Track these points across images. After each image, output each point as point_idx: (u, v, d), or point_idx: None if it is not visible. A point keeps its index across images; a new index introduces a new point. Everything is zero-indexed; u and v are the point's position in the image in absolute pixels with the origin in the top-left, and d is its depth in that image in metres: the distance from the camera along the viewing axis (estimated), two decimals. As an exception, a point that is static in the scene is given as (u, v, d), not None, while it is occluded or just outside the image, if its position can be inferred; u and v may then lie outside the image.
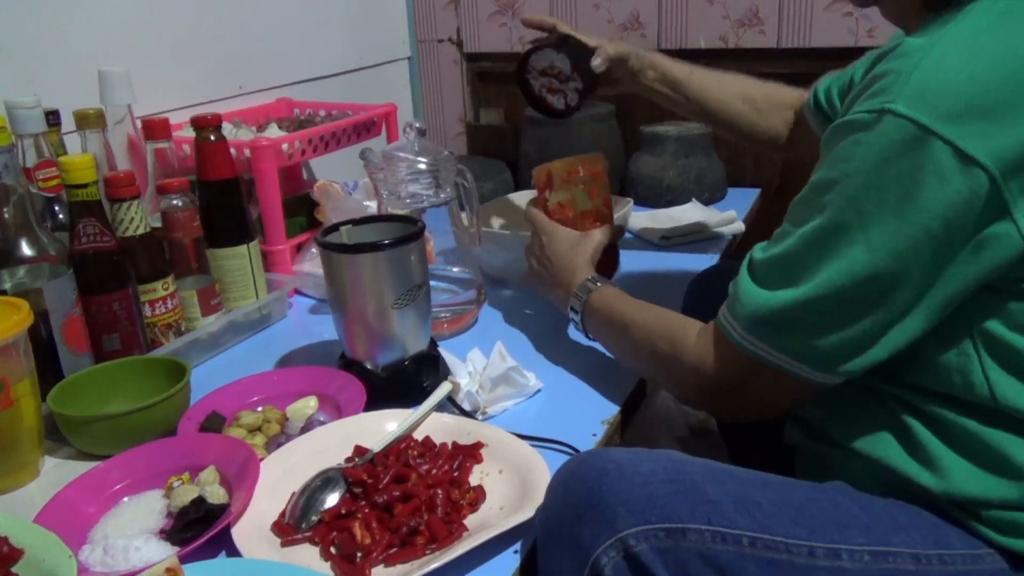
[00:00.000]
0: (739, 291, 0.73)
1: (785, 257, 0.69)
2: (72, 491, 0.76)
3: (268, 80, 1.55)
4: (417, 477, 0.75)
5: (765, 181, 1.79)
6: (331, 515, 0.72)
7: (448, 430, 0.85)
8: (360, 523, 0.70)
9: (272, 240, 1.26)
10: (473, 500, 0.75)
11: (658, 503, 0.64)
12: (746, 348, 0.72)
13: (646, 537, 0.62)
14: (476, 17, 1.93)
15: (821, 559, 0.63)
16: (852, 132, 0.65)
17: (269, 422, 0.89)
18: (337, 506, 0.73)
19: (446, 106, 2.06)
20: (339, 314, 0.94)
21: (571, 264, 1.01)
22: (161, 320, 1.03)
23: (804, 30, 1.65)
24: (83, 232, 0.93)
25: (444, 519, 0.71)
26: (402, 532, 0.70)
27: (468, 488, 0.76)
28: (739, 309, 0.72)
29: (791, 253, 0.69)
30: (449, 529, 0.70)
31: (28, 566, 0.62)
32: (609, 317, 0.92)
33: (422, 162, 1.06)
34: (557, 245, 1.04)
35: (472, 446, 0.81)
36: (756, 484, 0.68)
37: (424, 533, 0.70)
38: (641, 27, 1.78)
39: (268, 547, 0.70)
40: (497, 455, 0.80)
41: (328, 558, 0.69)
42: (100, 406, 0.90)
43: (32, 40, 1.15)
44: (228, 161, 1.13)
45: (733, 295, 0.74)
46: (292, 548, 0.70)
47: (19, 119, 0.98)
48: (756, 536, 0.63)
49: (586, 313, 0.96)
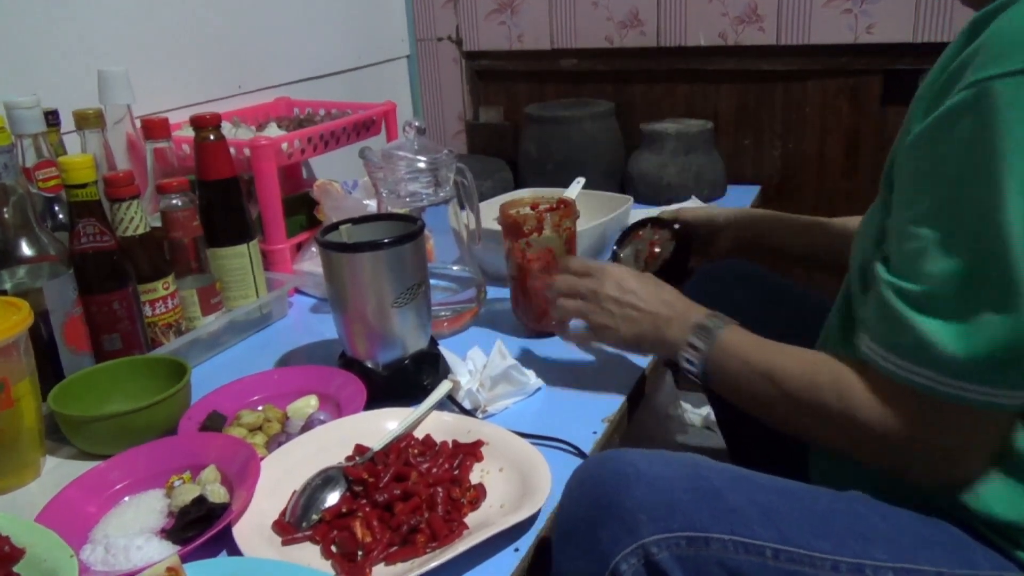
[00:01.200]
0: (918, 333, 0.61)
1: (969, 276, 0.59)
2: (73, 490, 0.76)
3: (267, 79, 1.55)
4: (417, 476, 0.75)
5: (765, 178, 1.79)
6: (332, 514, 0.72)
7: (448, 428, 0.85)
8: (361, 522, 0.70)
9: (272, 239, 1.26)
10: (474, 498, 0.75)
11: (680, 510, 0.63)
12: (957, 396, 0.61)
13: (667, 545, 0.62)
14: (475, 15, 1.93)
15: (845, 574, 0.62)
16: (968, 114, 0.58)
17: (270, 421, 0.89)
18: (338, 505, 0.74)
19: (445, 104, 2.06)
20: (339, 313, 0.94)
21: (672, 301, 0.84)
22: (161, 320, 1.04)
23: (803, 27, 1.64)
24: (83, 232, 0.93)
25: (445, 517, 0.71)
26: (403, 531, 0.70)
27: (469, 486, 0.76)
28: (937, 354, 0.60)
29: (974, 267, 0.59)
30: (450, 527, 0.70)
31: (29, 566, 0.63)
32: (746, 364, 0.75)
33: (421, 161, 1.06)
34: (637, 282, 0.87)
35: (472, 444, 0.81)
36: (778, 492, 0.67)
37: (425, 531, 0.70)
38: (640, 24, 1.78)
39: (269, 546, 0.70)
40: (497, 453, 0.80)
41: (329, 556, 0.69)
42: (101, 406, 0.90)
43: (31, 40, 1.15)
44: (228, 160, 1.13)
45: (909, 342, 0.62)
46: (293, 547, 0.70)
47: (18, 119, 0.98)
48: (779, 548, 0.62)
49: (712, 360, 0.78)
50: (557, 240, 1.04)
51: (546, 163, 1.70)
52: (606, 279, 0.87)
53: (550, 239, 1.03)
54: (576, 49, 1.86)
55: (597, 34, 1.83)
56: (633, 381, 0.96)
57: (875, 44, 1.59)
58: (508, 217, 1.05)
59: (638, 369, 0.99)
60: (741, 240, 1.08)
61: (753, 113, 1.76)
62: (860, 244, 0.76)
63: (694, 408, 1.84)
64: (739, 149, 1.79)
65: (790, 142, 1.75)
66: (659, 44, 1.78)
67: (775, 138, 1.76)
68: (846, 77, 1.65)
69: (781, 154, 1.77)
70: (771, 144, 1.77)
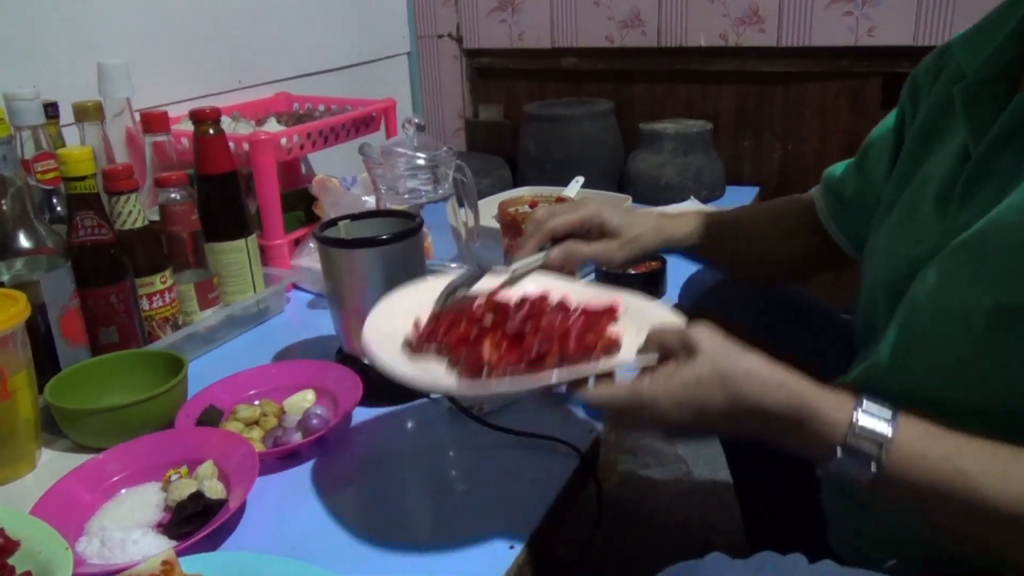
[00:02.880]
0: None
1: None
2: (69, 482, 0.76)
3: (267, 74, 1.55)
4: (552, 313, 0.73)
5: (764, 179, 1.79)
6: (460, 337, 0.71)
7: (580, 296, 0.79)
8: (490, 341, 0.69)
9: (270, 234, 1.26)
10: (608, 346, 0.69)
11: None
12: None
13: None
14: (476, 13, 1.93)
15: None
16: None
17: (266, 415, 0.89)
18: (467, 328, 0.71)
19: (445, 102, 2.06)
20: (337, 309, 0.94)
21: (786, 387, 0.59)
22: (159, 313, 1.03)
23: (804, 29, 1.65)
24: (81, 225, 0.93)
25: (576, 348, 0.68)
26: (531, 356, 0.67)
27: (604, 335, 0.71)
28: None
29: None
30: (581, 355, 0.67)
31: (24, 558, 0.62)
32: (937, 482, 0.56)
33: (421, 158, 1.06)
34: (748, 360, 0.61)
35: (608, 305, 0.76)
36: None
37: (553, 354, 0.67)
38: (641, 24, 1.78)
39: (398, 355, 0.71)
40: (634, 317, 0.74)
41: (455, 364, 0.69)
42: (97, 399, 0.90)
43: (31, 32, 1.15)
44: (227, 155, 1.13)
45: None
46: (421, 357, 0.71)
47: (18, 111, 0.98)
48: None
49: (886, 479, 0.57)
50: None
51: (545, 162, 1.71)
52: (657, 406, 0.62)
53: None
54: (577, 48, 1.86)
55: (598, 33, 1.83)
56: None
57: (876, 47, 1.59)
58: (507, 215, 1.05)
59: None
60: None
61: (753, 114, 1.77)
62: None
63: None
64: (738, 150, 1.80)
65: (789, 144, 1.76)
66: (660, 44, 1.78)
67: (774, 140, 1.77)
68: (846, 79, 1.66)
69: (780, 156, 1.77)
70: (770, 146, 1.77)
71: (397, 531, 0.73)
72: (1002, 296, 0.58)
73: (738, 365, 0.60)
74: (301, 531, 0.74)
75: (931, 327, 0.64)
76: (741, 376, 0.59)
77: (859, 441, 0.57)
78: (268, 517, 0.76)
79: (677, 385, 0.60)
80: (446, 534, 0.72)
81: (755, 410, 0.59)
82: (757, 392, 0.59)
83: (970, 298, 0.60)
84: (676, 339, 0.63)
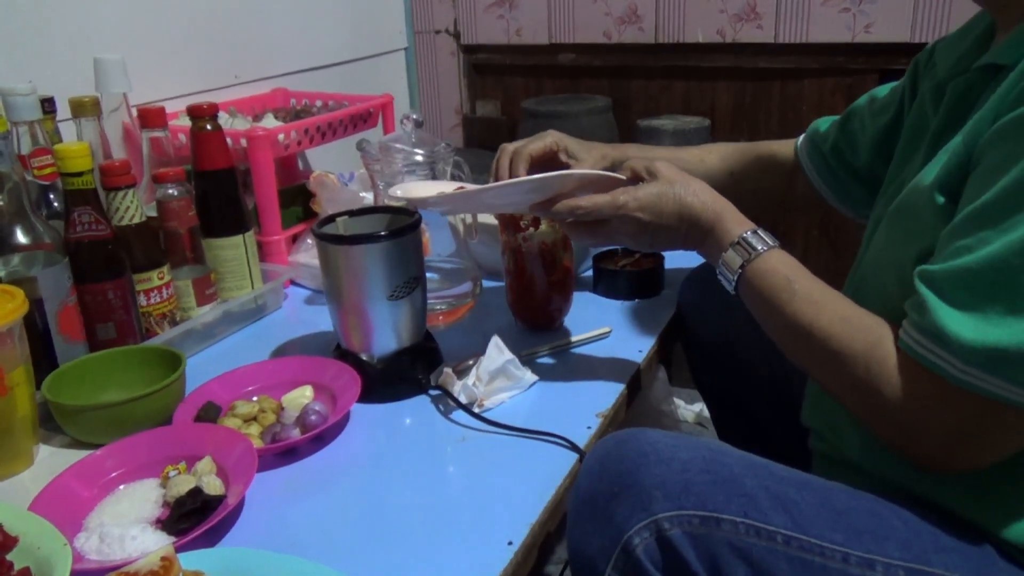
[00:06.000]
0: (939, 321, 0.60)
1: (1000, 270, 0.58)
2: (67, 478, 0.76)
3: (264, 70, 1.55)
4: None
5: (761, 176, 1.79)
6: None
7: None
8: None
9: (268, 230, 1.26)
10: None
11: (694, 490, 0.64)
12: (972, 385, 0.60)
13: (680, 522, 0.62)
14: (473, 8, 1.93)
15: (854, 567, 0.62)
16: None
17: (264, 412, 0.89)
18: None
19: (442, 98, 2.06)
20: (334, 305, 0.94)
21: (714, 205, 0.81)
22: (156, 309, 1.03)
23: (801, 25, 1.65)
24: (78, 220, 0.93)
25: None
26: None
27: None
28: (951, 341, 0.60)
29: (1007, 266, 0.58)
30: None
31: (23, 553, 0.62)
32: (775, 291, 0.74)
33: (419, 153, 1.06)
34: (695, 184, 0.83)
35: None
36: (796, 483, 0.67)
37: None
38: (639, 20, 1.78)
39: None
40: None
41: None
42: (95, 395, 0.90)
43: (28, 27, 1.14)
44: (224, 151, 1.13)
45: (931, 326, 0.61)
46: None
47: (14, 106, 0.97)
48: (791, 535, 0.63)
49: (747, 279, 0.77)
50: (553, 234, 1.04)
51: (543, 158, 1.70)
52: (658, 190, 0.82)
53: (546, 233, 1.03)
54: (574, 44, 1.86)
55: (595, 29, 1.83)
56: (628, 376, 0.96)
57: (873, 44, 1.59)
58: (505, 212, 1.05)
59: (633, 364, 0.99)
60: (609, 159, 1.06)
61: (750, 110, 1.77)
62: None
63: (687, 404, 1.84)
64: (735, 146, 1.80)
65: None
66: (657, 40, 1.78)
67: (771, 136, 1.76)
68: (843, 76, 1.66)
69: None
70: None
71: (395, 527, 0.73)
72: (924, 247, 0.67)
73: (688, 184, 0.82)
74: (299, 527, 0.74)
75: (876, 278, 0.75)
76: (688, 191, 0.82)
77: (739, 248, 0.77)
78: (266, 513, 0.76)
79: (643, 195, 0.82)
80: (444, 530, 0.72)
81: (689, 212, 0.81)
82: (692, 201, 0.81)
83: (903, 253, 0.70)
84: (642, 166, 0.85)
